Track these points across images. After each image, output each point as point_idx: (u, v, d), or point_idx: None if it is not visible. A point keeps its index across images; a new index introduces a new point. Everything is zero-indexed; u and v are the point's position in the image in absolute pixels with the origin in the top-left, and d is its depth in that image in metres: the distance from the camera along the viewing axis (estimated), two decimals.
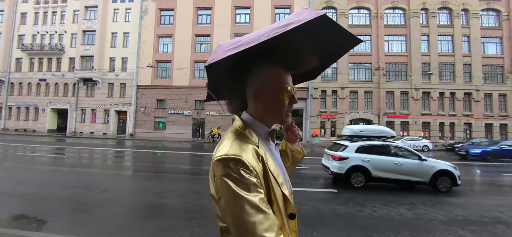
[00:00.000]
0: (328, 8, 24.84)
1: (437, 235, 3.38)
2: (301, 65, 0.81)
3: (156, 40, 26.25)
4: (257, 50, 0.68)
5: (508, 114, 23.67)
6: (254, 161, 0.64)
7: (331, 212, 4.15)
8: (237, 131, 0.71)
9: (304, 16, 0.66)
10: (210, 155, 12.29)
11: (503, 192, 6.43)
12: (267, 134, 0.78)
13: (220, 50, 0.74)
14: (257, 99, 0.74)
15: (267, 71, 0.73)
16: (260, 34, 0.68)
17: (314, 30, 0.70)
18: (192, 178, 7.04)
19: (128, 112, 25.96)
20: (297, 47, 0.75)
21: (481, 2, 24.52)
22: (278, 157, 0.81)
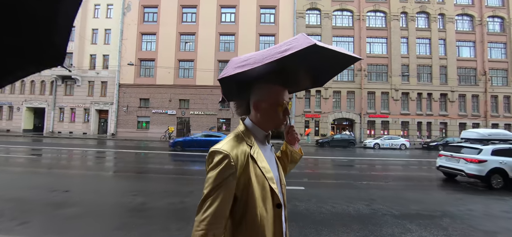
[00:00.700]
0: (312, 9, 25.23)
1: (385, 228, 3.55)
2: (296, 84, 1.02)
3: (139, 38, 25.64)
4: (260, 70, 0.85)
5: (480, 114, 25.03)
6: (239, 158, 0.81)
7: (290, 209, 4.25)
8: (237, 134, 0.89)
9: (300, 43, 0.80)
10: (194, 154, 12.29)
11: (459, 186, 6.81)
12: (264, 137, 0.94)
13: (231, 66, 0.93)
14: (256, 110, 0.91)
15: (266, 88, 0.90)
16: (264, 56, 0.84)
17: (308, 55, 0.83)
18: (177, 178, 6.96)
19: (109, 111, 25.21)
20: (292, 69, 0.94)
21: (456, 7, 25.74)
22: (272, 156, 0.97)
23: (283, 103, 0.91)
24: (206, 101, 24.47)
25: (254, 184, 0.82)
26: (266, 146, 0.95)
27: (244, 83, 0.93)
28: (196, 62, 24.81)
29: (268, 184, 0.84)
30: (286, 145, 1.17)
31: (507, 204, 5.11)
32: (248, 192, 0.81)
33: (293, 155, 1.17)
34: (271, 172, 0.87)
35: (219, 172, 0.78)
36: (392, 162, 11.78)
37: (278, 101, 0.90)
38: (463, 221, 3.95)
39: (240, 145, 0.84)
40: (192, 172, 8.16)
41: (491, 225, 3.85)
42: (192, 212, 3.97)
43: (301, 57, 0.84)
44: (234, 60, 0.95)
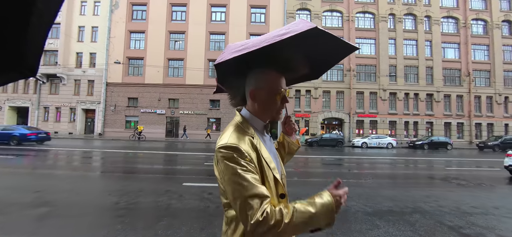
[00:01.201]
0: (303, 9, 25.40)
1: (354, 225, 3.60)
2: (294, 70, 0.96)
3: (128, 36, 25.20)
4: (258, 55, 0.79)
5: (464, 114, 25.79)
6: (249, 149, 0.77)
7: None
8: (236, 125, 0.84)
9: (300, 27, 0.77)
10: (183, 154, 12.19)
11: (434, 183, 6.99)
12: (262, 127, 0.90)
13: (227, 51, 0.85)
14: (253, 99, 0.87)
15: (263, 75, 0.85)
16: (261, 40, 0.79)
17: (307, 40, 0.81)
18: (165, 178, 6.84)
19: (96, 110, 24.67)
20: (291, 54, 0.87)
21: (441, 10, 26.43)
22: (272, 146, 0.93)
23: (281, 91, 0.87)
24: (196, 100, 24.27)
25: (266, 174, 0.80)
26: (266, 137, 0.92)
27: (241, 70, 0.89)
28: (186, 61, 24.57)
29: (272, 174, 0.81)
30: (283, 136, 1.15)
31: (478, 200, 5.27)
32: (263, 183, 0.79)
33: (290, 146, 1.14)
34: (274, 162, 0.84)
35: (239, 166, 0.73)
36: (376, 161, 11.99)
37: (276, 88, 0.86)
38: (432, 217, 4.04)
39: (244, 135, 0.81)
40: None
41: (458, 220, 3.95)
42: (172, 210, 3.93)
43: (300, 43, 0.81)
44: (231, 45, 0.89)
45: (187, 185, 5.71)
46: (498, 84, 26.25)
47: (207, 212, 4.02)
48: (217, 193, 5.19)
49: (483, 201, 5.18)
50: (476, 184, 6.86)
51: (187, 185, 5.71)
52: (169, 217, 3.75)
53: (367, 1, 26.00)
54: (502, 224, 3.84)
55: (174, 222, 3.53)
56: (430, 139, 20.25)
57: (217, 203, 4.49)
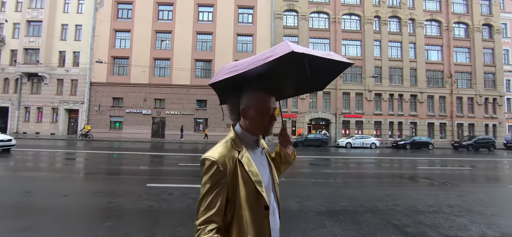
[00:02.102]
0: (290, 10, 25.55)
1: (302, 224, 3.62)
2: (281, 91, 1.05)
3: (113, 35, 24.75)
4: (248, 76, 0.88)
5: (446, 114, 26.48)
6: (227, 164, 0.87)
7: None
8: (226, 141, 0.93)
9: (280, 50, 0.82)
10: (169, 154, 12.06)
11: (400, 182, 7.13)
12: (254, 142, 0.98)
13: (221, 72, 0.95)
14: (244, 117, 0.96)
15: (252, 95, 0.93)
16: (249, 63, 0.87)
17: (294, 62, 0.84)
18: (131, 179, 6.71)
19: (80, 110, 24.12)
20: (278, 75, 0.96)
21: (425, 13, 27.08)
22: (263, 160, 1.00)
23: (269, 110, 0.94)
24: (182, 100, 24.05)
25: (241, 188, 0.87)
26: (257, 150, 0.99)
27: (236, 89, 0.97)
28: (173, 61, 24.33)
29: (254, 187, 0.89)
30: (280, 147, 1.21)
31: (435, 198, 5.40)
32: (236, 196, 0.87)
33: (285, 157, 1.20)
34: (259, 175, 0.91)
35: (210, 177, 0.85)
36: (353, 161, 12.15)
37: (264, 108, 0.93)
38: (382, 216, 4.11)
39: (229, 151, 0.90)
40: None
41: (406, 219, 4.04)
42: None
43: (286, 64, 0.85)
44: (225, 66, 0.97)
45: (151, 186, 5.64)
46: (478, 86, 27.08)
47: (157, 213, 3.97)
48: (177, 193, 5.16)
49: (440, 199, 5.32)
50: (441, 183, 7.04)
51: (150, 186, 5.64)
52: (115, 218, 3.68)
53: (353, 3, 26.38)
54: (448, 222, 3.94)
55: (118, 223, 3.47)
56: (412, 139, 20.69)
57: (173, 204, 4.45)
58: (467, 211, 4.52)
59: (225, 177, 0.86)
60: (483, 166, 11.18)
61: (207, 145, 19.54)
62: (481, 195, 5.85)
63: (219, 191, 0.85)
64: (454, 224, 3.86)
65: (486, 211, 4.53)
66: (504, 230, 3.67)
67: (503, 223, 3.94)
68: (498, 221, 4.05)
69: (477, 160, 13.52)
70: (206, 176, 0.86)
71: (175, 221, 3.63)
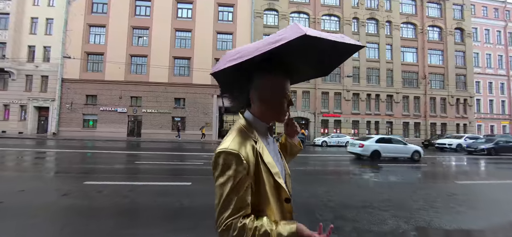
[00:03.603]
0: (270, 10, 25.60)
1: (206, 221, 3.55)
2: (297, 74, 0.98)
3: (87, 30, 23.83)
4: (257, 61, 0.79)
5: (421, 114, 27.46)
6: (249, 156, 0.77)
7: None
8: (240, 129, 0.83)
9: (289, 34, 0.74)
10: (145, 153, 11.69)
11: (351, 180, 7.27)
12: (266, 130, 0.90)
13: (223, 60, 0.86)
14: (260, 102, 0.87)
15: (267, 79, 0.85)
16: (255, 48, 0.78)
17: (305, 44, 0.77)
18: (70, 177, 6.40)
19: (50, 108, 23.05)
20: (292, 58, 0.88)
21: (401, 16, 27.94)
22: (276, 149, 0.93)
23: (287, 94, 0.88)
24: (160, 98, 23.53)
25: (263, 181, 0.79)
26: (269, 139, 0.92)
27: (243, 76, 0.88)
28: (150, 58, 23.75)
29: (273, 179, 0.81)
30: (286, 137, 1.14)
31: (375, 194, 5.50)
32: (259, 190, 0.78)
33: (292, 148, 1.13)
34: (276, 166, 0.84)
35: (234, 173, 0.74)
36: (318, 158, 12.29)
37: (282, 92, 0.87)
38: (307, 211, 4.13)
39: (247, 141, 0.80)
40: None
41: (329, 214, 4.07)
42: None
43: (297, 47, 0.79)
44: (228, 53, 0.89)
45: (88, 184, 5.40)
46: (451, 87, 28.27)
47: (71, 209, 3.77)
48: (107, 191, 4.97)
49: (377, 195, 5.42)
50: (386, 177, 7.21)
51: (87, 184, 5.41)
52: (25, 216, 3.47)
53: (332, 4, 26.80)
54: (370, 216, 3.97)
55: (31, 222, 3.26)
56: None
57: (99, 201, 4.26)
58: (396, 206, 4.62)
59: (249, 171, 0.76)
60: (443, 163, 11.62)
61: (188, 144, 19.22)
62: (427, 190, 6.04)
63: (245, 189, 0.74)
64: (374, 218, 3.91)
65: (413, 206, 4.66)
66: (419, 224, 3.77)
67: (423, 218, 4.04)
68: (419, 215, 4.16)
69: (441, 157, 14.06)
70: (227, 173, 0.74)
71: (83, 219, 3.47)
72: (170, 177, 6.58)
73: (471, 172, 9.64)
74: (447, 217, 4.09)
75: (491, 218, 4.19)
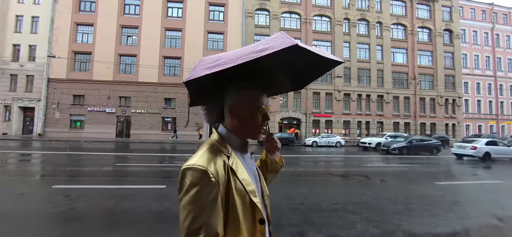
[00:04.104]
0: (262, 10, 25.52)
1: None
2: (275, 87, 0.92)
3: (74, 28, 23.34)
4: (234, 71, 0.71)
5: (410, 114, 27.78)
6: (218, 172, 0.68)
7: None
8: (211, 144, 0.76)
9: (279, 42, 0.68)
10: (128, 155, 11.42)
11: (329, 180, 7.24)
12: (241, 145, 0.82)
13: (200, 66, 0.77)
14: (232, 116, 0.79)
15: (242, 91, 0.79)
16: (237, 56, 0.71)
17: (287, 55, 0.71)
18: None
19: (36, 108, 22.48)
20: (271, 70, 0.83)
21: (392, 17, 28.21)
22: (252, 165, 0.85)
23: (262, 108, 0.81)
24: (149, 99, 23.20)
25: (235, 200, 0.70)
26: (245, 155, 0.83)
27: (217, 86, 0.80)
28: (139, 58, 23.40)
29: (248, 198, 0.73)
30: (266, 154, 1.04)
31: (349, 196, 5.46)
32: (228, 210, 0.69)
33: (273, 165, 1.03)
34: (252, 184, 0.76)
35: (198, 194, 0.64)
36: (306, 159, 12.27)
37: (256, 105, 0.80)
38: (276, 214, 4.05)
39: (217, 156, 0.72)
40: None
41: (298, 217, 4.00)
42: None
43: (279, 58, 0.71)
44: (204, 59, 0.80)
45: (57, 187, 5.21)
46: (440, 87, 28.68)
47: (22, 214, 3.61)
48: (76, 194, 4.80)
49: (352, 197, 5.38)
50: (367, 180, 7.20)
51: (56, 187, 5.22)
52: None
53: (324, 5, 26.88)
54: (338, 220, 3.90)
55: None
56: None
57: (60, 206, 4.09)
58: (370, 209, 4.57)
59: (218, 190, 0.67)
60: (427, 163, 11.73)
61: (182, 145, 18.99)
62: (401, 191, 6.03)
63: (215, 210, 0.65)
64: (343, 222, 3.85)
65: (388, 208, 4.62)
66: (387, 228, 3.73)
67: (391, 221, 4.00)
68: (390, 218, 4.12)
69: (425, 157, 14.20)
70: (192, 192, 0.64)
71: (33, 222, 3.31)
72: (144, 180, 6.42)
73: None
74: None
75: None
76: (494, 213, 4.47)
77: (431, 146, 15.98)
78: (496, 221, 4.13)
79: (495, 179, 8.17)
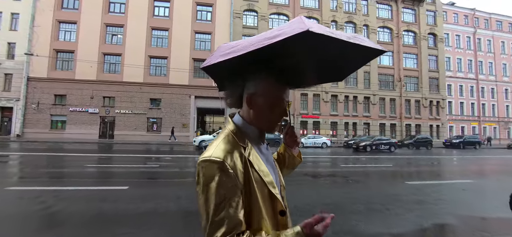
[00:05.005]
0: (250, 10, 25.51)
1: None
2: (298, 78, 0.85)
3: (56, 26, 22.67)
4: (251, 59, 0.69)
5: (396, 115, 28.29)
6: (237, 164, 0.66)
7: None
8: (227, 135, 0.73)
9: (292, 28, 0.61)
10: (102, 156, 11.06)
11: (304, 181, 7.21)
12: (258, 136, 0.79)
13: (217, 53, 0.76)
14: (249, 105, 0.76)
15: (261, 82, 0.74)
16: (251, 43, 0.67)
17: (307, 44, 0.66)
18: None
19: (14, 108, 21.65)
20: (293, 59, 0.75)
21: (378, 20, 28.73)
22: (269, 157, 0.82)
23: (282, 103, 0.76)
24: (134, 99, 22.74)
25: (255, 191, 0.68)
26: (262, 146, 0.80)
27: (238, 73, 0.77)
28: (124, 57, 22.93)
29: (267, 189, 0.70)
30: (285, 147, 1.00)
31: (321, 196, 5.42)
32: (251, 203, 0.67)
33: (290, 159, 0.99)
34: (270, 175, 0.73)
35: (217, 186, 0.62)
36: None
37: (275, 99, 0.75)
38: None
39: (234, 147, 0.69)
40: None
41: None
42: None
43: (301, 45, 0.65)
44: (222, 46, 0.78)
45: (9, 189, 4.95)
46: (424, 89, 29.36)
47: None
48: (28, 197, 4.56)
49: (324, 198, 5.35)
50: (346, 181, 7.21)
51: (9, 189, 4.95)
52: None
53: (311, 7, 27.13)
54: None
55: None
56: (360, 139, 21.65)
57: (8, 209, 3.86)
58: (338, 209, 4.53)
59: (237, 180, 0.64)
60: (405, 163, 11.91)
61: (177, 146, 18.63)
62: (368, 192, 6.04)
63: (235, 204, 0.62)
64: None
65: (350, 208, 4.60)
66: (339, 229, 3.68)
67: (347, 221, 3.97)
68: (351, 217, 4.09)
69: (406, 158, 14.43)
70: (211, 185, 0.62)
71: None
72: (108, 181, 6.19)
73: None
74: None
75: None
76: (456, 213, 4.50)
77: (391, 144, 19.24)
78: (454, 221, 4.15)
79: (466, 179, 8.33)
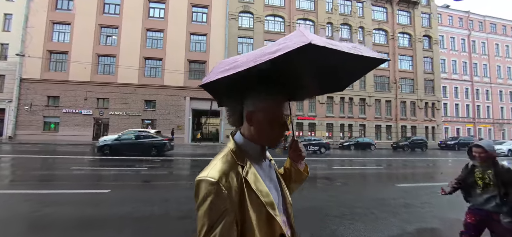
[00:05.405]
0: (245, 12, 25.50)
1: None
2: (300, 91, 0.86)
3: (50, 27, 22.50)
4: (253, 75, 0.68)
5: (392, 117, 28.36)
6: (231, 185, 0.66)
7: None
8: (226, 154, 0.73)
9: (293, 42, 0.61)
10: (89, 158, 10.94)
11: None
12: (259, 153, 0.78)
13: (216, 70, 0.75)
14: (249, 122, 0.76)
15: (260, 98, 0.74)
16: (250, 59, 0.66)
17: (310, 55, 0.65)
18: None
19: (7, 110, 21.40)
20: (294, 73, 0.76)
21: (373, 22, 28.85)
22: (272, 174, 0.81)
23: (281, 117, 0.76)
24: (129, 100, 22.58)
25: (250, 214, 0.67)
26: (263, 163, 0.79)
27: (237, 90, 0.77)
28: (119, 58, 22.79)
29: (265, 210, 0.69)
30: (290, 162, 0.98)
31: (305, 200, 5.36)
32: (244, 225, 0.66)
33: (296, 174, 0.97)
34: (270, 195, 0.72)
35: (210, 207, 0.63)
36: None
37: (274, 114, 0.75)
38: None
39: (231, 167, 0.69)
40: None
41: None
42: None
43: (301, 58, 0.65)
44: (222, 62, 0.77)
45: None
46: (420, 91, 29.49)
47: None
48: (3, 200, 4.45)
49: (306, 202, 5.27)
50: (331, 183, 7.16)
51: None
52: None
53: (307, 9, 27.18)
54: None
55: None
56: (356, 141, 21.72)
57: None
58: (317, 211, 4.48)
59: (231, 201, 0.65)
60: (397, 165, 11.89)
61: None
62: (355, 195, 5.99)
63: (228, 224, 0.63)
64: None
65: (333, 213, 4.54)
66: (313, 231, 3.63)
67: (329, 225, 3.91)
68: (334, 221, 4.03)
69: (400, 159, 14.43)
70: (205, 205, 0.63)
71: None
72: (89, 184, 6.07)
73: None
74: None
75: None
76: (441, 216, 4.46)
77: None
78: (437, 225, 4.11)
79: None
